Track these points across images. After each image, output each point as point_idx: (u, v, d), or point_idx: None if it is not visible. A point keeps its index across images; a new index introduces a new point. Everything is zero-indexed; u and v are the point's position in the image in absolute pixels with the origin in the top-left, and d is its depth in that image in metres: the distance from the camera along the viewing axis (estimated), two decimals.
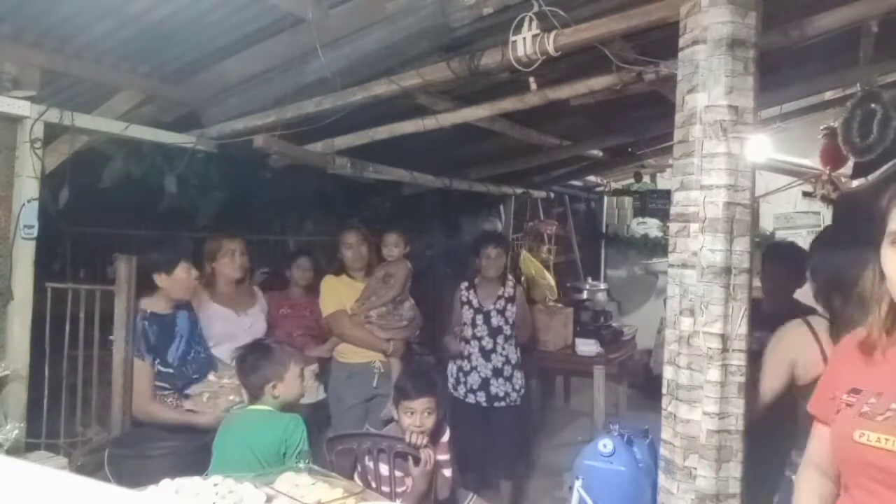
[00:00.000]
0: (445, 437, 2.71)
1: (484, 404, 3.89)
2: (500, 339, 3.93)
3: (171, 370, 2.76)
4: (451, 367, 4.02)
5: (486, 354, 3.91)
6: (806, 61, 3.43)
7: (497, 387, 3.88)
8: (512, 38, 2.43)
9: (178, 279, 2.82)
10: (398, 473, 2.55)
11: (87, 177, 3.01)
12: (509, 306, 3.97)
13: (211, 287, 3.20)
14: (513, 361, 3.95)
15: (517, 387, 3.94)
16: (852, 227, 1.70)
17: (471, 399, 3.91)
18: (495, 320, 3.94)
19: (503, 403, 3.89)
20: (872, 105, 3.30)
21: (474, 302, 3.98)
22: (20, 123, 2.55)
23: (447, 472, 2.66)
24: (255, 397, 2.45)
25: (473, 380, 3.92)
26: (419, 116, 3.42)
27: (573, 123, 4.39)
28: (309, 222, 4.81)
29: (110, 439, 2.55)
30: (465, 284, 4.05)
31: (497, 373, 3.89)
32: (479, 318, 3.95)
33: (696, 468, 2.03)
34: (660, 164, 6.32)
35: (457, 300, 4.05)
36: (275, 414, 2.41)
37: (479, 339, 3.94)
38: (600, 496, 2.74)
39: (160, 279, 2.79)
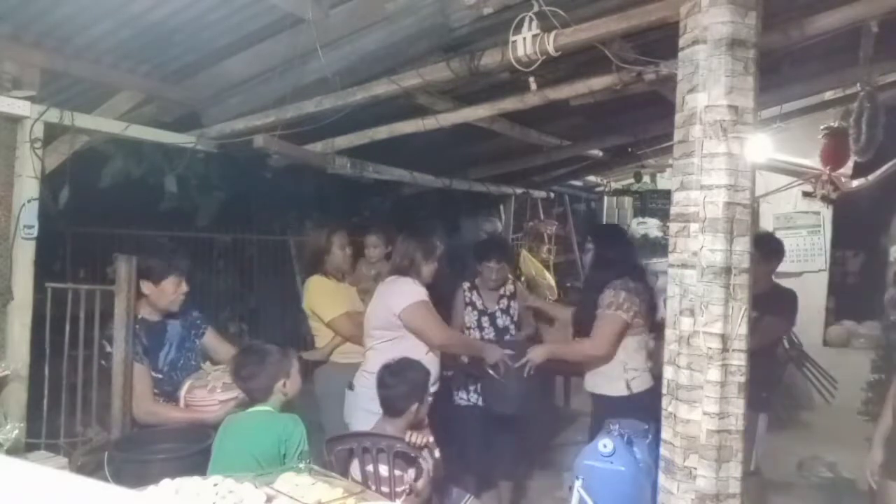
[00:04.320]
0: (425, 420, 2.79)
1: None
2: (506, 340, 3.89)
3: (160, 375, 2.76)
4: (458, 376, 3.82)
5: None
6: (806, 61, 3.43)
7: None
8: (512, 38, 2.43)
9: (164, 291, 2.77)
10: (398, 473, 2.56)
11: (87, 177, 3.01)
12: (512, 304, 3.94)
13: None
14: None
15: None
16: None
17: (480, 402, 3.75)
18: (501, 321, 3.87)
19: None
20: (876, 103, 3.32)
21: (478, 303, 3.89)
22: (20, 123, 2.55)
23: (436, 453, 2.70)
24: (259, 400, 2.45)
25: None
26: (419, 116, 3.42)
27: (573, 123, 4.40)
28: (309, 222, 4.82)
29: (111, 442, 2.55)
30: (466, 285, 3.94)
31: None
32: (486, 320, 3.86)
33: (696, 468, 2.04)
34: (660, 164, 6.33)
35: (458, 302, 3.93)
36: (274, 415, 2.41)
37: (487, 341, 3.83)
38: (600, 496, 2.74)
39: (145, 286, 2.74)
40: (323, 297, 3.55)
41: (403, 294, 3.10)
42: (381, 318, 3.13)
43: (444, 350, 3.20)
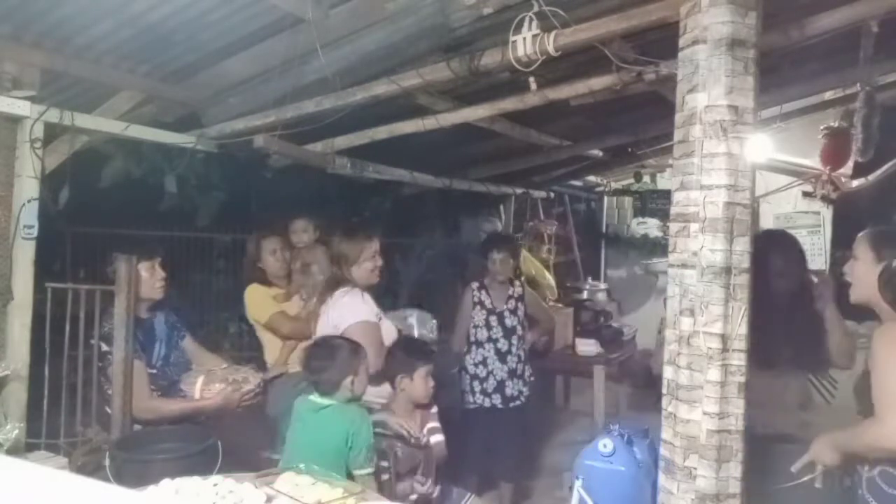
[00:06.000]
0: (434, 408, 2.85)
1: (500, 406, 3.83)
2: (514, 340, 3.89)
3: (154, 371, 2.77)
4: (464, 380, 3.90)
5: (501, 357, 3.85)
6: (806, 61, 3.43)
7: (512, 387, 3.85)
8: (512, 38, 2.43)
9: (155, 273, 2.80)
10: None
11: (87, 177, 3.01)
12: (520, 305, 3.96)
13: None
14: (524, 360, 3.94)
15: (528, 384, 3.94)
16: None
17: (486, 403, 3.83)
18: (509, 321, 3.89)
19: (517, 403, 3.87)
20: (876, 103, 3.32)
21: (487, 303, 3.90)
22: (20, 123, 2.55)
23: (440, 437, 2.78)
24: (327, 393, 2.47)
25: (489, 384, 3.84)
26: (419, 116, 3.42)
27: (573, 123, 4.39)
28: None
29: (111, 441, 2.55)
30: (475, 285, 3.95)
31: (512, 373, 3.85)
32: (494, 320, 3.88)
33: (696, 468, 2.03)
34: (660, 164, 6.32)
35: (466, 301, 3.93)
36: (343, 407, 2.44)
37: (495, 341, 3.86)
38: (600, 496, 2.75)
39: (143, 269, 2.75)
40: (259, 301, 3.43)
41: (349, 309, 2.82)
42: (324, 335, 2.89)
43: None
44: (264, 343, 3.48)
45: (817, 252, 6.69)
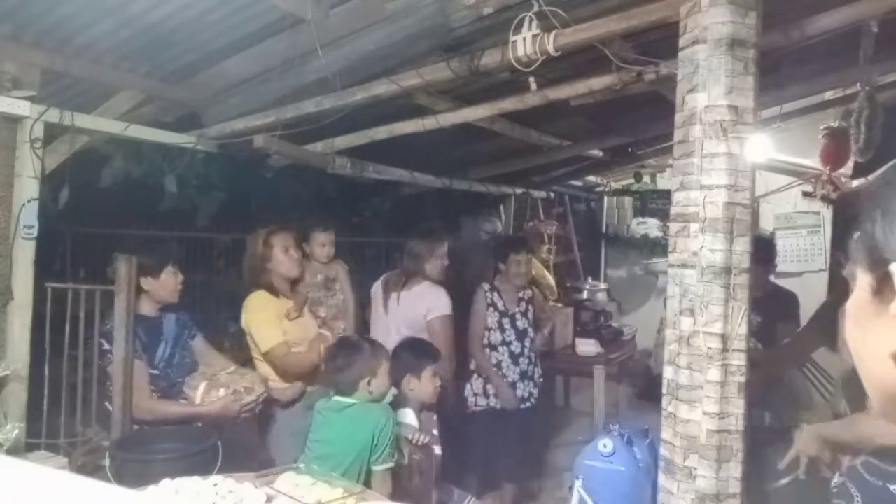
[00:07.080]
0: (434, 416, 2.87)
1: (510, 408, 3.82)
2: (526, 342, 3.89)
3: (156, 372, 2.75)
4: (475, 383, 3.83)
5: (515, 359, 3.84)
6: (806, 61, 3.43)
7: (522, 389, 3.84)
8: (512, 38, 2.43)
9: (165, 283, 2.78)
10: None
11: (87, 177, 3.01)
12: (530, 308, 3.96)
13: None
14: (534, 362, 3.94)
15: (538, 384, 3.94)
16: None
17: (497, 405, 3.80)
18: (521, 323, 3.89)
19: (528, 405, 3.86)
20: (876, 103, 3.32)
21: (499, 305, 3.88)
22: (20, 123, 2.55)
23: (438, 450, 2.78)
24: (345, 393, 2.49)
25: None
26: (419, 116, 3.42)
27: (573, 123, 4.39)
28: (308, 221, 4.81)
29: (111, 442, 2.55)
30: (486, 286, 3.92)
31: (523, 375, 3.85)
32: (507, 322, 3.87)
33: (696, 468, 2.04)
34: (660, 164, 6.32)
35: (479, 302, 3.88)
36: (366, 406, 2.46)
37: (508, 344, 3.85)
38: (600, 496, 2.75)
39: (146, 282, 2.73)
40: (265, 318, 2.99)
41: (437, 302, 3.27)
42: (409, 321, 3.19)
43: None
44: (257, 356, 3.07)
45: (817, 252, 6.70)
